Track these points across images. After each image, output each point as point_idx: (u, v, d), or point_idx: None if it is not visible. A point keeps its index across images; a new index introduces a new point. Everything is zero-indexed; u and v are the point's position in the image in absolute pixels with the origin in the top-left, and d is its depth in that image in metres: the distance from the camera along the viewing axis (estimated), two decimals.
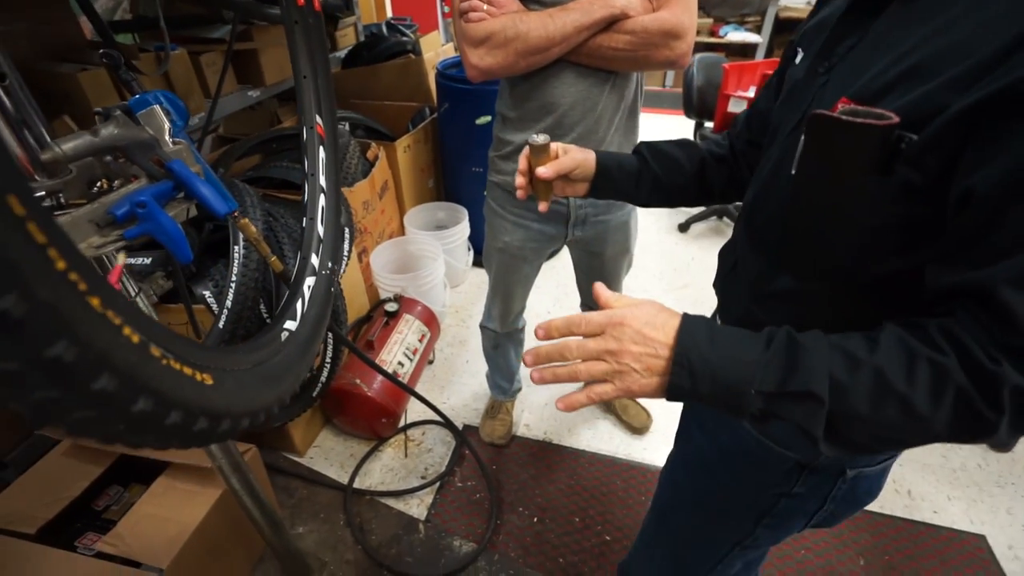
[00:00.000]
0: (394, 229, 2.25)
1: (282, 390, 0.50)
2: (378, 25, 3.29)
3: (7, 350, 0.20)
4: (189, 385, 0.30)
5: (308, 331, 0.61)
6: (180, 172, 0.65)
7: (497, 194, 1.23)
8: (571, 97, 1.01)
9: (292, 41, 0.74)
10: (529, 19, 0.90)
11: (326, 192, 0.75)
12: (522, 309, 1.50)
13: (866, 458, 0.61)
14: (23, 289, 0.19)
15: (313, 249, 0.69)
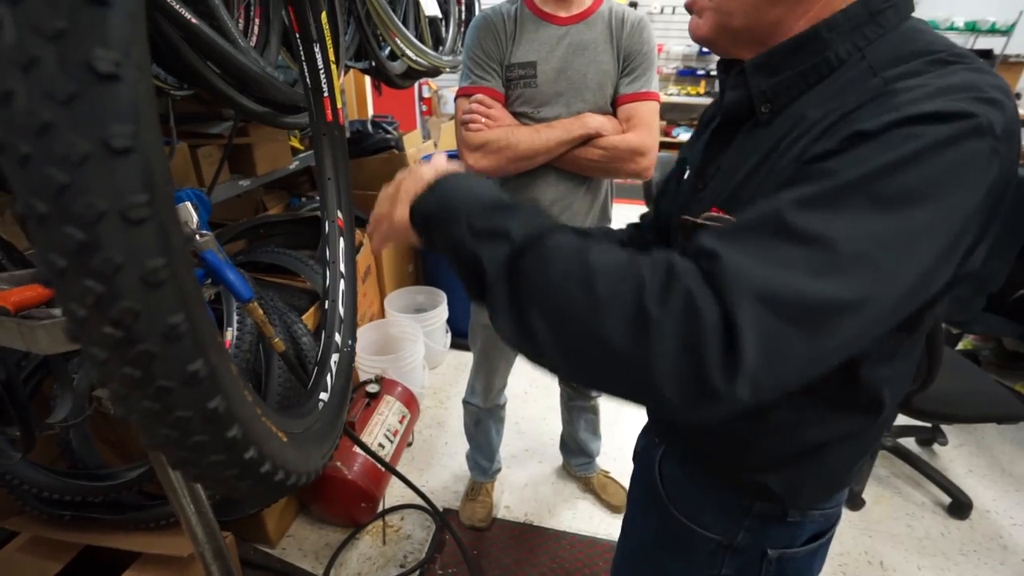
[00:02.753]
0: (375, 312, 2.31)
1: (324, 452, 0.54)
2: (362, 122, 3.55)
3: (188, 401, 0.26)
4: (276, 441, 0.36)
5: (338, 401, 0.67)
6: (212, 261, 0.73)
7: None
8: (552, 195, 1.17)
9: (319, 149, 0.86)
10: (519, 132, 1.07)
11: (345, 277, 0.84)
12: (504, 385, 1.56)
13: (785, 538, 0.64)
14: (206, 356, 0.26)
15: (336, 328, 0.76)
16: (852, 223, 0.37)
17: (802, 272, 0.36)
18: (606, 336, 0.37)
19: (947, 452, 2.03)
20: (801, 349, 0.36)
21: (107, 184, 0.22)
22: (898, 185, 0.37)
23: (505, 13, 1.12)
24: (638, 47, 1.12)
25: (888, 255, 0.37)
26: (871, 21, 0.47)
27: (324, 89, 0.81)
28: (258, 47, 1.41)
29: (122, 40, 0.22)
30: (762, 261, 0.37)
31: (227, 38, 0.99)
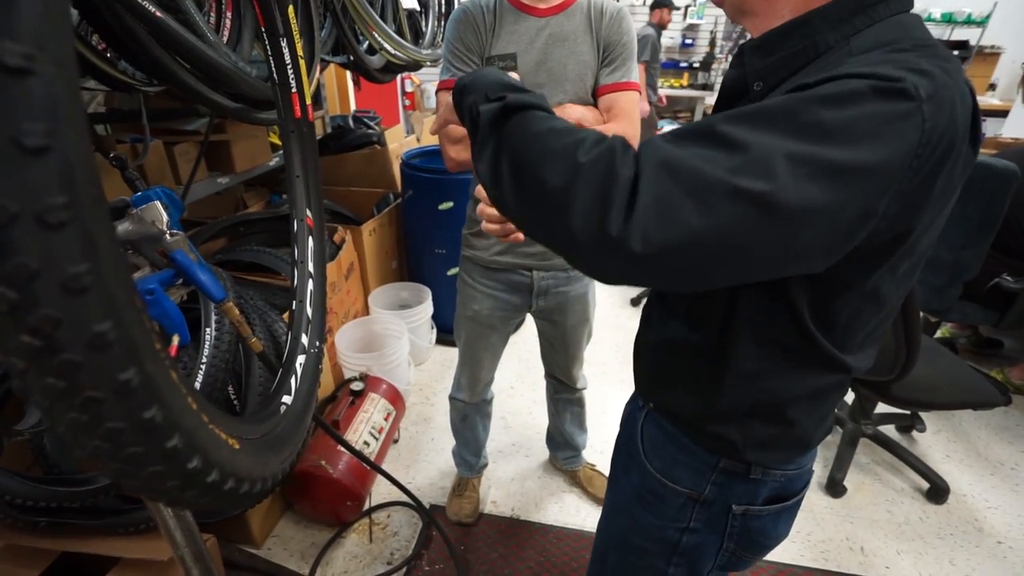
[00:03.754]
0: (359, 309, 2.30)
1: (284, 458, 0.53)
2: (344, 117, 3.51)
3: (120, 412, 0.25)
4: (225, 449, 0.35)
5: (302, 404, 0.66)
6: (182, 261, 0.71)
7: (469, 267, 1.34)
8: None
9: (288, 147, 0.84)
10: None
11: (314, 277, 0.83)
12: (490, 380, 1.56)
13: (748, 495, 0.68)
14: (140, 365, 0.25)
15: (303, 329, 0.75)
16: (767, 137, 0.41)
17: (709, 159, 0.41)
18: (545, 177, 0.45)
19: (926, 438, 2.07)
20: (688, 217, 0.40)
21: (19, 185, 0.21)
22: (815, 118, 0.41)
23: (484, 5, 1.11)
24: (617, 37, 1.11)
25: (790, 170, 0.40)
26: (861, 12, 0.50)
27: (292, 85, 0.80)
28: (230, 42, 1.38)
29: (34, 32, 0.21)
30: (680, 147, 0.43)
31: (195, 32, 0.97)
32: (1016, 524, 1.71)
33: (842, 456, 1.83)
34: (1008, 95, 4.40)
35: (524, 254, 1.25)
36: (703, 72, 5.35)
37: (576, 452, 1.77)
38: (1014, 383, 2.33)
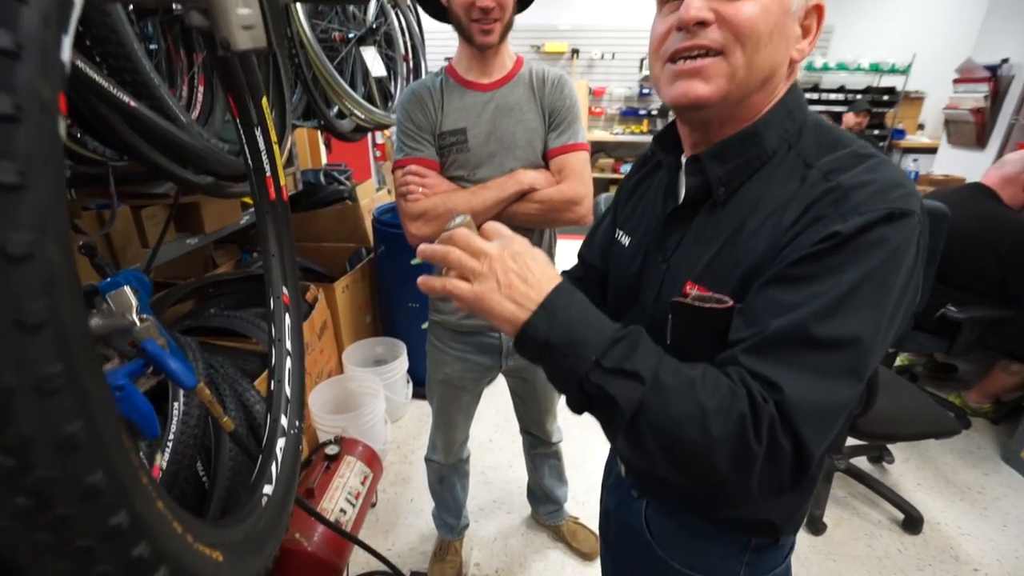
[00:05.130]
0: (332, 367, 2.26)
1: (267, 555, 0.52)
2: (315, 172, 3.54)
3: (109, 554, 0.25)
4: (210, 565, 0.35)
5: (283, 492, 0.64)
6: (152, 351, 0.71)
7: (438, 331, 1.35)
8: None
9: (263, 227, 0.85)
10: (456, 197, 1.11)
11: (292, 355, 0.83)
12: (465, 439, 1.55)
13: (776, 559, 0.71)
14: (130, 506, 0.26)
15: (282, 410, 0.74)
16: (863, 322, 0.48)
17: (843, 377, 0.49)
18: (715, 464, 0.48)
19: (896, 467, 2.13)
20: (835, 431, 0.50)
21: (18, 361, 0.23)
22: (879, 284, 0.48)
23: (431, 85, 1.16)
24: (561, 102, 1.17)
25: (882, 337, 0.49)
26: (787, 117, 0.57)
27: (266, 169, 0.82)
28: (202, 116, 1.41)
29: (37, 221, 0.23)
30: (811, 381, 0.48)
31: (168, 116, 0.99)
32: (989, 549, 1.75)
33: (819, 493, 1.86)
34: (935, 134, 4.78)
35: None
36: (661, 118, 5.65)
37: (558, 506, 1.75)
38: (971, 406, 2.43)
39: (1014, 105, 2.89)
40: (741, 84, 0.53)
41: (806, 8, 0.54)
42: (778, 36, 0.52)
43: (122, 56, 0.88)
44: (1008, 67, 2.93)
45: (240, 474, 1.30)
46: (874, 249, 0.48)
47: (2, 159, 0.23)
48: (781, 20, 0.52)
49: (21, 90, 0.24)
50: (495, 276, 0.51)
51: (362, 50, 1.88)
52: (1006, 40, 2.98)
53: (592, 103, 5.72)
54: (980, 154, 3.14)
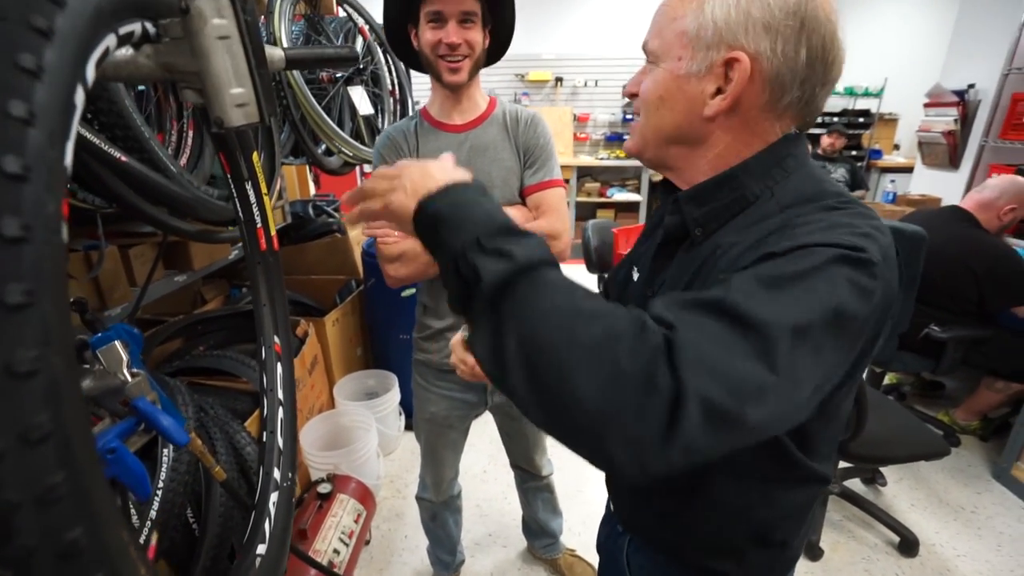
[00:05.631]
0: (324, 402, 2.24)
1: None
2: (303, 203, 3.55)
3: None
4: None
5: (277, 549, 0.64)
6: (144, 409, 0.71)
7: (423, 370, 1.35)
8: None
9: (254, 277, 0.86)
10: None
11: (284, 405, 0.83)
12: (455, 475, 1.54)
13: None
14: None
15: (275, 463, 0.74)
16: (780, 310, 0.42)
17: (744, 351, 0.40)
18: (574, 377, 0.39)
19: (890, 488, 2.14)
20: (733, 424, 0.39)
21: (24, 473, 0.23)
22: (807, 286, 0.43)
23: (406, 129, 1.18)
24: (535, 141, 1.19)
25: (808, 352, 0.42)
26: (776, 166, 0.58)
27: (257, 221, 0.83)
28: (191, 160, 1.42)
29: (40, 340, 0.24)
30: (710, 336, 0.41)
31: (158, 167, 1.00)
32: (985, 571, 1.76)
33: (815, 517, 1.86)
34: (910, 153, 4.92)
35: None
36: None
37: (553, 539, 1.73)
38: (960, 424, 2.46)
39: (982, 128, 3.00)
40: (648, 140, 0.61)
41: (716, 63, 0.53)
42: (671, 101, 0.57)
43: (113, 113, 0.90)
44: (975, 92, 3.05)
45: (231, 520, 1.28)
46: (806, 257, 0.45)
47: (10, 281, 0.24)
48: (671, 87, 0.57)
49: (28, 211, 0.25)
50: (404, 186, 0.53)
51: (350, 90, 1.92)
52: (971, 66, 3.11)
53: (577, 129, 5.83)
54: (954, 174, 3.24)
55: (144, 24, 0.47)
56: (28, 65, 0.28)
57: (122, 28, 0.43)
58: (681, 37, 0.55)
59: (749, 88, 0.54)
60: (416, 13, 1.06)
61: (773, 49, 0.52)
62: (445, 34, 1.04)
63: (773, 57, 0.52)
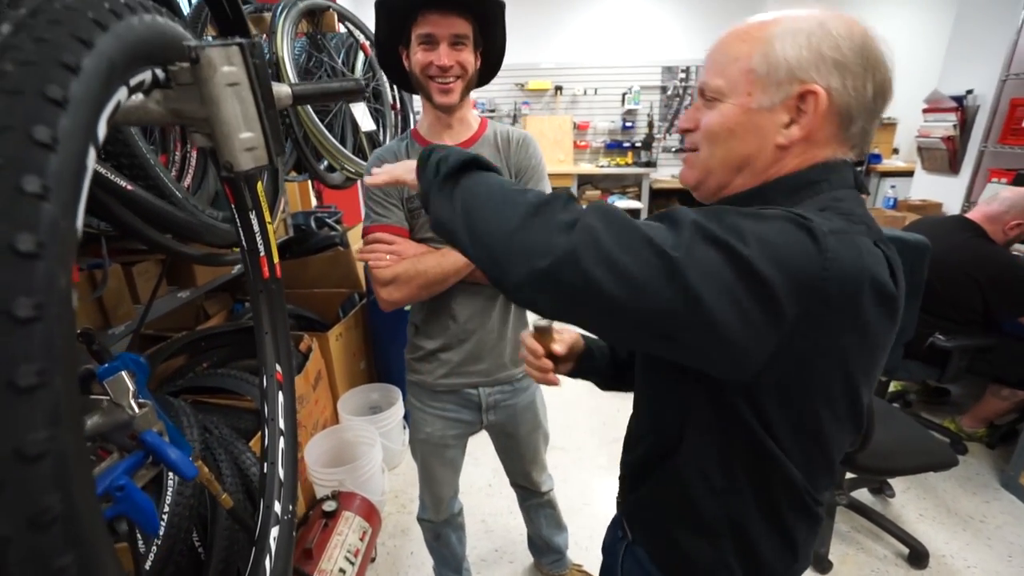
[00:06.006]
0: (327, 417, 2.24)
1: None
2: (306, 214, 3.56)
3: None
4: None
5: None
6: (152, 443, 0.70)
7: (416, 391, 1.34)
8: (469, 310, 1.21)
9: (256, 306, 0.86)
10: (427, 260, 1.10)
11: (284, 434, 0.83)
12: (455, 493, 1.52)
13: None
14: None
15: (276, 496, 0.74)
16: (701, 221, 0.49)
17: (652, 225, 0.50)
18: (508, 214, 0.53)
19: (897, 498, 2.12)
20: (606, 246, 0.48)
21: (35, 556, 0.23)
22: (735, 222, 0.49)
23: (397, 150, 1.18)
24: (527, 161, 1.19)
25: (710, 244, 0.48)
26: (806, 187, 0.60)
27: (260, 249, 0.84)
28: (195, 181, 1.43)
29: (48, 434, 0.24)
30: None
31: (163, 193, 1.01)
32: None
33: (822, 529, 1.85)
34: (910, 157, 4.93)
35: (469, 373, 1.26)
36: (644, 151, 5.77)
37: (560, 554, 1.72)
38: (966, 431, 2.44)
39: (981, 133, 3.00)
40: (714, 170, 0.64)
41: (790, 96, 0.57)
42: (742, 133, 0.61)
43: (119, 141, 0.90)
44: (973, 98, 3.05)
45: (236, 543, 1.28)
46: (755, 213, 0.51)
47: (21, 362, 0.24)
48: (742, 120, 0.60)
49: (40, 289, 0.25)
50: (400, 165, 0.79)
51: (352, 106, 1.93)
52: (969, 72, 3.11)
53: (577, 137, 5.85)
54: (954, 179, 3.24)
55: (154, 71, 0.47)
56: (43, 139, 0.28)
57: (134, 79, 0.43)
58: (749, 75, 0.59)
59: (821, 119, 0.58)
60: (407, 34, 1.06)
61: (844, 84, 0.56)
62: (436, 56, 1.04)
63: (844, 92, 0.57)
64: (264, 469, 0.79)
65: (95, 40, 0.35)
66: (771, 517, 0.65)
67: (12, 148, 0.26)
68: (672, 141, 5.97)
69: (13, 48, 0.30)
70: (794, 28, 0.57)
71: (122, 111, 0.48)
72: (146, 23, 0.43)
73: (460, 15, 1.03)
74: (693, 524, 0.68)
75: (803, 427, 0.60)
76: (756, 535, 0.66)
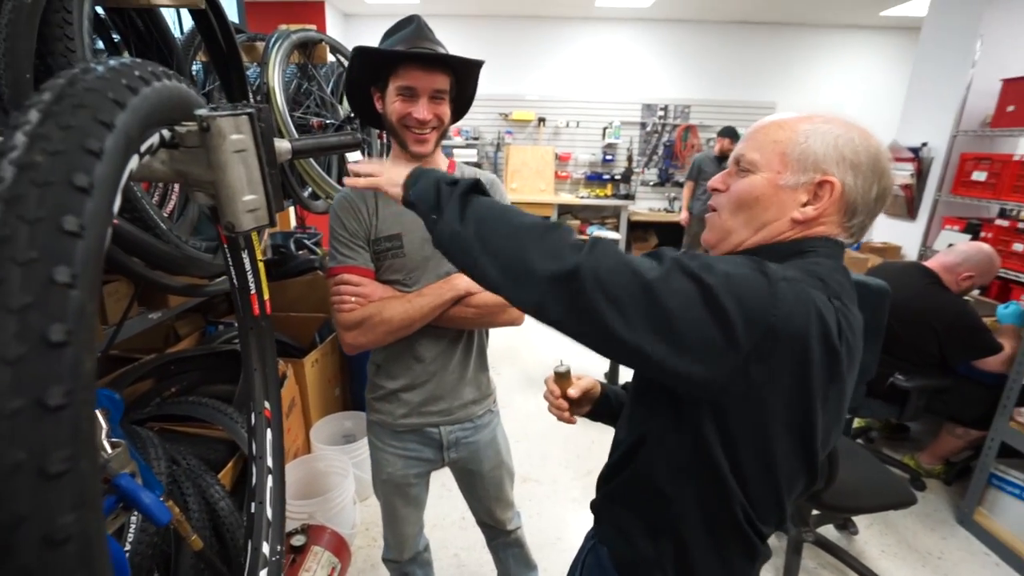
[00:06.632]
0: (299, 446, 2.19)
1: None
2: (285, 235, 3.53)
3: None
4: None
5: None
6: (126, 488, 0.69)
7: (377, 431, 1.31)
8: (433, 351, 1.21)
9: (246, 343, 0.87)
10: (392, 305, 1.10)
11: (273, 472, 0.82)
12: (419, 530, 1.48)
13: None
14: None
15: (264, 536, 0.73)
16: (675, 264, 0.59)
17: (643, 260, 0.60)
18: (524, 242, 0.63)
19: (861, 534, 2.18)
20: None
21: None
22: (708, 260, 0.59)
23: (365, 192, 1.14)
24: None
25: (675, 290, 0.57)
26: (795, 254, 0.68)
27: (251, 287, 0.84)
28: (177, 208, 1.42)
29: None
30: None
31: (147, 225, 1.01)
32: None
33: (790, 565, 1.88)
34: None
35: (429, 412, 1.25)
36: (624, 183, 5.94)
37: None
38: (925, 468, 2.54)
39: (936, 183, 3.20)
40: (732, 231, 0.73)
41: (811, 182, 0.68)
42: (766, 202, 0.70)
43: None
44: (928, 150, 3.26)
45: None
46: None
47: (52, 450, 0.25)
48: (768, 191, 0.70)
49: (68, 376, 0.27)
50: (385, 172, 0.85)
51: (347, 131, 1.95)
52: (924, 125, 3.33)
53: (559, 168, 5.99)
54: (912, 224, 3.43)
55: (162, 132, 0.49)
56: (72, 228, 0.29)
57: (144, 145, 0.45)
58: (782, 156, 0.69)
59: (832, 206, 0.68)
60: (384, 79, 1.07)
61: (855, 182, 0.67)
62: (416, 109, 1.05)
63: (854, 188, 0.67)
64: (252, 509, 0.78)
65: (116, 120, 0.37)
66: (710, 534, 0.70)
67: (44, 238, 0.28)
68: (650, 175, 6.16)
69: (42, 138, 0.31)
70: (825, 129, 0.68)
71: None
72: (157, 90, 0.45)
73: (441, 71, 1.06)
74: (644, 524, 0.75)
75: (753, 453, 0.65)
76: (693, 548, 0.71)
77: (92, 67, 0.40)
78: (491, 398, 1.37)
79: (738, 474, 0.66)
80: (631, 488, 0.77)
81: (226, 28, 1.34)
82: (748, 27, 5.71)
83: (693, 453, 0.66)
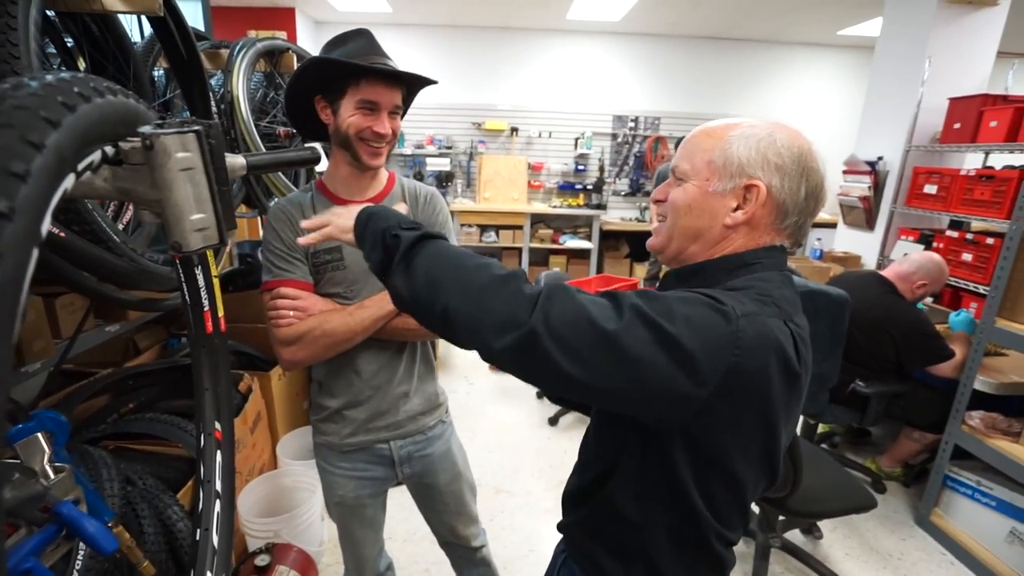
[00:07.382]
0: (265, 461, 2.13)
1: None
2: (252, 243, 3.44)
3: None
4: None
5: None
6: (68, 516, 0.66)
7: (324, 452, 1.26)
8: (374, 365, 1.17)
9: (197, 361, 0.84)
10: (333, 318, 1.06)
11: (221, 497, 0.79)
12: (380, 550, 1.42)
13: None
14: None
15: (208, 566, 0.70)
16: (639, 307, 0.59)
17: (598, 301, 0.61)
18: (461, 295, 0.63)
19: (826, 537, 2.24)
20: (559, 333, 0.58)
21: None
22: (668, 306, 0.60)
23: (302, 202, 1.13)
24: (435, 218, 1.21)
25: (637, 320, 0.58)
26: (742, 267, 0.70)
27: (204, 304, 0.82)
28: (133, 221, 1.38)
29: None
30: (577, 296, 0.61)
31: (99, 239, 0.97)
32: None
33: (758, 571, 1.92)
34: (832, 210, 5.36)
35: (376, 428, 1.21)
36: (596, 193, 6.01)
37: None
38: (885, 470, 2.62)
39: (891, 195, 3.34)
40: (674, 238, 0.76)
41: (738, 187, 0.69)
42: (698, 210, 0.72)
43: None
44: (884, 163, 3.41)
45: None
46: (678, 293, 0.63)
47: None
48: (699, 199, 0.72)
49: None
50: (337, 217, 0.86)
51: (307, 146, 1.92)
52: (879, 140, 3.48)
53: (531, 177, 6.02)
54: (870, 235, 3.56)
55: (104, 149, 0.47)
56: None
57: (82, 163, 0.43)
58: (710, 165, 0.71)
59: (761, 209, 0.69)
60: (338, 91, 1.05)
61: (781, 184, 0.68)
62: (376, 123, 1.05)
63: (781, 190, 0.69)
64: (197, 536, 0.75)
65: (46, 140, 0.35)
66: (681, 555, 0.72)
67: None
68: (622, 185, 6.25)
69: None
70: (749, 133, 0.69)
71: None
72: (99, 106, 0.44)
73: (398, 87, 1.07)
74: (615, 548, 0.76)
75: (721, 474, 0.67)
76: (665, 570, 0.73)
77: (25, 82, 0.39)
78: (442, 408, 1.33)
79: (705, 493, 0.67)
80: (600, 518, 0.78)
81: (186, 36, 1.31)
82: (715, 43, 5.88)
83: (661, 478, 0.68)
